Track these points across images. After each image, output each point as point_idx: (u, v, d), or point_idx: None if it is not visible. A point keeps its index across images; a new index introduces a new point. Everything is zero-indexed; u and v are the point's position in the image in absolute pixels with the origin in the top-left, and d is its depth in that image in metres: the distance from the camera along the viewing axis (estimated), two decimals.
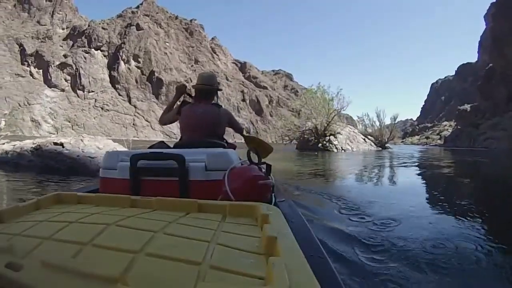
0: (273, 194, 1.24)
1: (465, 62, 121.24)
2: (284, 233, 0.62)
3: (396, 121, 38.68)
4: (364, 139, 27.29)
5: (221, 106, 1.99)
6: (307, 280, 0.46)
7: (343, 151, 22.46)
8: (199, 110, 1.82)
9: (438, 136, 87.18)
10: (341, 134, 24.45)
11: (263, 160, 1.36)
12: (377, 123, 36.23)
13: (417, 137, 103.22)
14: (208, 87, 1.94)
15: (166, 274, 0.44)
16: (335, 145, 23.04)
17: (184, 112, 1.86)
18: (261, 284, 0.43)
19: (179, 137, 2.01)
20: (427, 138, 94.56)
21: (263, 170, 1.25)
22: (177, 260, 0.47)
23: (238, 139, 2.70)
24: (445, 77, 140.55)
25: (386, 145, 32.58)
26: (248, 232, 0.64)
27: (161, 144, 1.73)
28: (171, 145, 1.76)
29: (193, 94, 2.09)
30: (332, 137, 23.76)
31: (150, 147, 1.65)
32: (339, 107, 26.27)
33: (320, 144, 23.17)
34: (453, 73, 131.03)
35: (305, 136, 25.35)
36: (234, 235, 0.62)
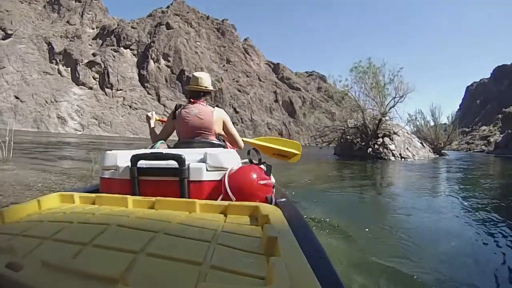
0: (273, 194, 1.23)
1: (500, 64, 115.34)
2: (284, 233, 0.61)
3: (454, 120, 31.57)
4: (422, 144, 20.29)
5: (217, 106, 1.92)
6: (307, 280, 0.45)
7: (402, 159, 15.91)
8: (194, 111, 1.81)
9: (482, 142, 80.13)
10: (399, 136, 17.32)
11: (262, 160, 1.36)
12: (431, 123, 29.64)
13: (455, 142, 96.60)
14: (197, 88, 1.91)
15: (166, 274, 0.43)
16: (391, 150, 16.12)
17: (179, 115, 1.84)
18: (262, 284, 0.43)
19: None
20: (467, 143, 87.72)
21: (264, 170, 1.24)
22: (178, 260, 0.47)
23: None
24: (481, 80, 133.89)
25: (442, 151, 25.88)
26: (249, 232, 0.63)
27: (161, 144, 1.74)
28: (171, 145, 1.79)
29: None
30: (387, 139, 16.64)
31: (150, 147, 1.64)
32: (398, 94, 17.82)
33: (370, 149, 16.27)
34: (489, 75, 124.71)
35: (348, 137, 18.19)
36: (234, 235, 0.61)
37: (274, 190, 1.26)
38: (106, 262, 0.46)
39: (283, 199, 1.29)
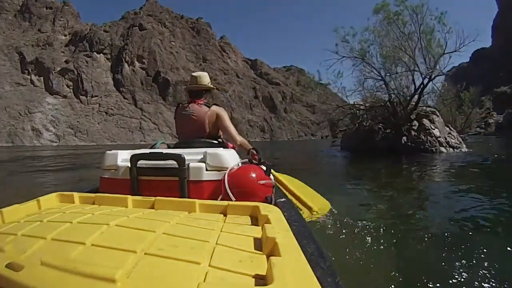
0: (273, 194, 1.23)
1: (479, 48, 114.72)
2: (284, 233, 0.61)
3: (473, 99, 25.65)
4: (448, 127, 13.82)
5: (214, 105, 1.89)
6: (307, 280, 0.45)
7: (454, 150, 10.62)
8: (188, 111, 1.81)
9: (476, 124, 79.06)
10: (438, 116, 11.68)
11: (262, 160, 1.35)
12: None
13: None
14: (196, 87, 1.92)
15: (166, 274, 0.43)
16: (436, 138, 10.46)
17: (176, 115, 1.88)
18: (262, 284, 0.42)
19: None
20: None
21: (263, 170, 1.24)
22: (178, 260, 0.47)
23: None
24: (460, 64, 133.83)
25: (461, 135, 21.82)
26: (249, 232, 0.63)
27: (161, 144, 1.76)
28: (172, 146, 1.80)
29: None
30: (427, 122, 10.87)
31: (150, 148, 1.66)
32: (448, 48, 11.38)
33: (405, 138, 10.58)
34: (468, 59, 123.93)
35: (364, 123, 12.31)
36: (234, 235, 0.61)
37: (274, 190, 1.25)
38: (106, 262, 0.46)
39: (283, 199, 1.27)
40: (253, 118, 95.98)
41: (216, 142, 1.75)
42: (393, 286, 1.54)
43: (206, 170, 1.23)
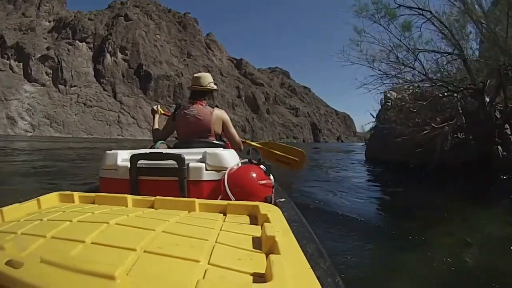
0: (273, 194, 1.24)
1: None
2: (283, 232, 0.61)
3: None
4: None
5: (217, 106, 1.95)
6: (306, 278, 0.45)
7: None
8: (193, 112, 1.83)
9: None
10: None
11: (262, 160, 1.35)
12: None
13: None
14: (199, 88, 1.93)
15: (165, 271, 0.44)
16: None
17: (179, 116, 1.88)
18: (261, 281, 0.43)
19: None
20: None
21: (263, 170, 1.25)
22: (177, 258, 0.47)
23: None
24: None
25: None
26: (248, 232, 0.63)
27: (161, 144, 1.78)
28: (171, 145, 1.82)
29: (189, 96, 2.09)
30: None
31: (150, 147, 1.69)
32: None
33: (500, 148, 6.36)
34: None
35: (416, 119, 6.99)
36: (234, 234, 0.61)
37: (273, 190, 1.26)
38: (105, 260, 0.46)
39: (283, 199, 1.28)
40: (235, 118, 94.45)
41: (217, 142, 1.74)
42: None
43: (206, 170, 1.23)
